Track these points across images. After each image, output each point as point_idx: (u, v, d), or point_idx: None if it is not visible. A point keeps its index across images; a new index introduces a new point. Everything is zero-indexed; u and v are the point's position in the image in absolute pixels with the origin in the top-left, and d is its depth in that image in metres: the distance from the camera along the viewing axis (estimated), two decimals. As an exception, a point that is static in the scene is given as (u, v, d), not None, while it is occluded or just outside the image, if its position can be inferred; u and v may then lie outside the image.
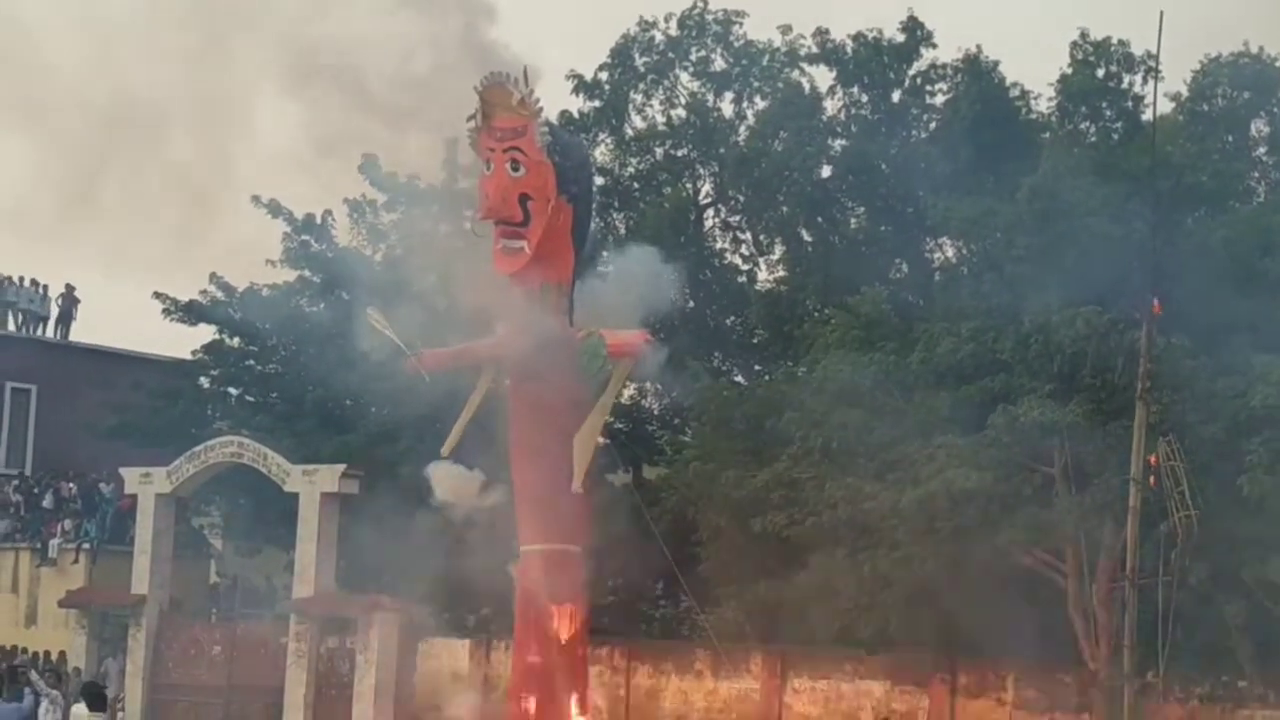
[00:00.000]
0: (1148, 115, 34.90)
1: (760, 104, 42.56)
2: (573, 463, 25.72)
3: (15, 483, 48.93)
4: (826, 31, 40.40)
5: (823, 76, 41.17)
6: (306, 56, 27.54)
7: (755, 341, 42.17)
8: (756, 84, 42.83)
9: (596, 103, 43.19)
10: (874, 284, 34.32)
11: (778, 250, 42.64)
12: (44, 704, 24.93)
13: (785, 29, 41.94)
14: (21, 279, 53.23)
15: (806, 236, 41.32)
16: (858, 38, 39.83)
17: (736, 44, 42.95)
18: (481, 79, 24.89)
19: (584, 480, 25.72)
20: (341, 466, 37.69)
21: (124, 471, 41.71)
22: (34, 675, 33.17)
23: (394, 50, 26.49)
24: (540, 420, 25.79)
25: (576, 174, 25.78)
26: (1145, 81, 36.72)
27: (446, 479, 27.59)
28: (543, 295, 25.47)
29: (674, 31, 43.20)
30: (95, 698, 21.06)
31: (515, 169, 25.02)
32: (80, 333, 53.68)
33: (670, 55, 43.33)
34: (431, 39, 25.93)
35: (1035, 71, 38.95)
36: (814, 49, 40.84)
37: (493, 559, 27.92)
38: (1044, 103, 37.75)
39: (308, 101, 28.01)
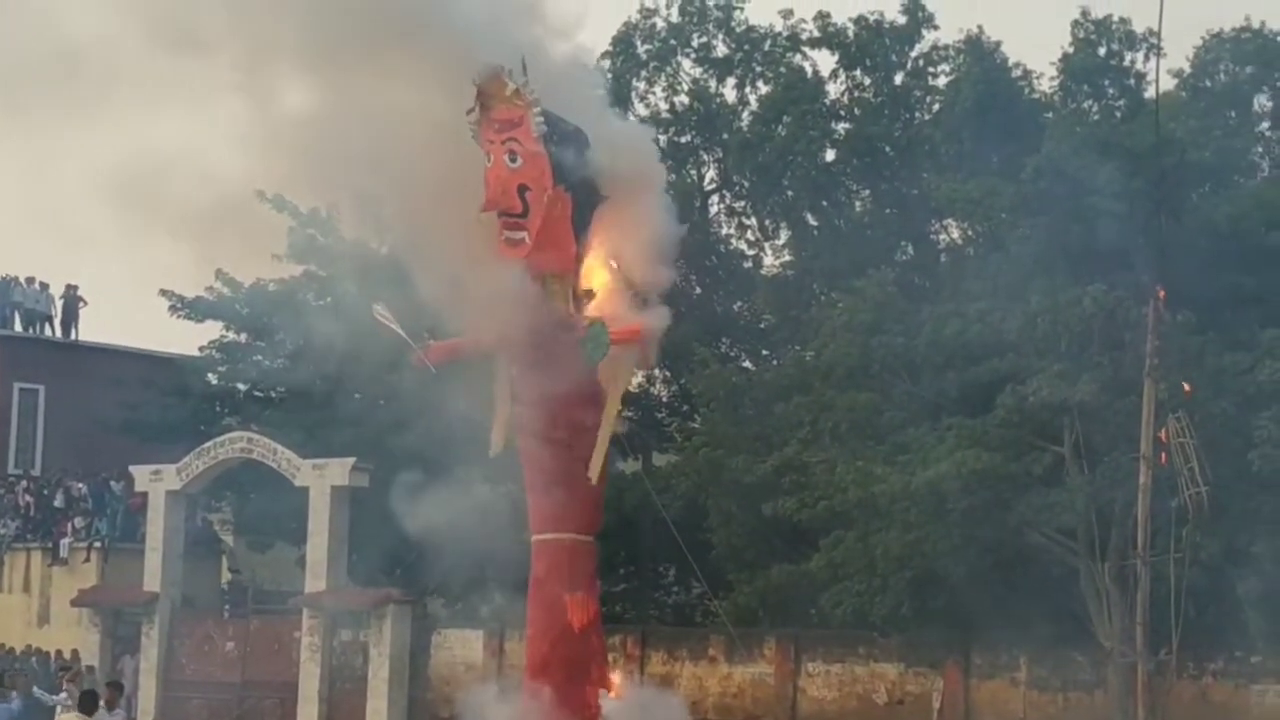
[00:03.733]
0: (1150, 92, 34.84)
1: (763, 89, 42.49)
2: (582, 451, 25.72)
3: (25, 483, 48.88)
4: (828, 15, 40.47)
5: (825, 60, 41.27)
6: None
7: (762, 326, 42.19)
8: (759, 69, 42.78)
9: (599, 91, 43.04)
10: (880, 266, 34.29)
11: (783, 235, 42.64)
12: (58, 710, 24.62)
13: (786, 13, 41.88)
14: (30, 279, 53.16)
15: (812, 220, 41.29)
16: (859, 21, 39.86)
17: (738, 29, 42.91)
18: (477, 71, 24.82)
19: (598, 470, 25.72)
20: (351, 460, 37.73)
21: (134, 469, 41.81)
22: (37, 690, 32.94)
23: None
24: (547, 409, 25.76)
25: (575, 163, 25.67)
26: (1147, 59, 36.65)
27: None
28: (545, 285, 25.45)
29: (675, 18, 43.21)
30: (85, 698, 20.85)
31: (513, 160, 24.91)
32: (86, 331, 53.67)
33: (672, 42, 43.30)
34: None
35: (1037, 51, 39.04)
36: (815, 33, 40.85)
37: (505, 549, 27.96)
38: (1046, 82, 37.66)
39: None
